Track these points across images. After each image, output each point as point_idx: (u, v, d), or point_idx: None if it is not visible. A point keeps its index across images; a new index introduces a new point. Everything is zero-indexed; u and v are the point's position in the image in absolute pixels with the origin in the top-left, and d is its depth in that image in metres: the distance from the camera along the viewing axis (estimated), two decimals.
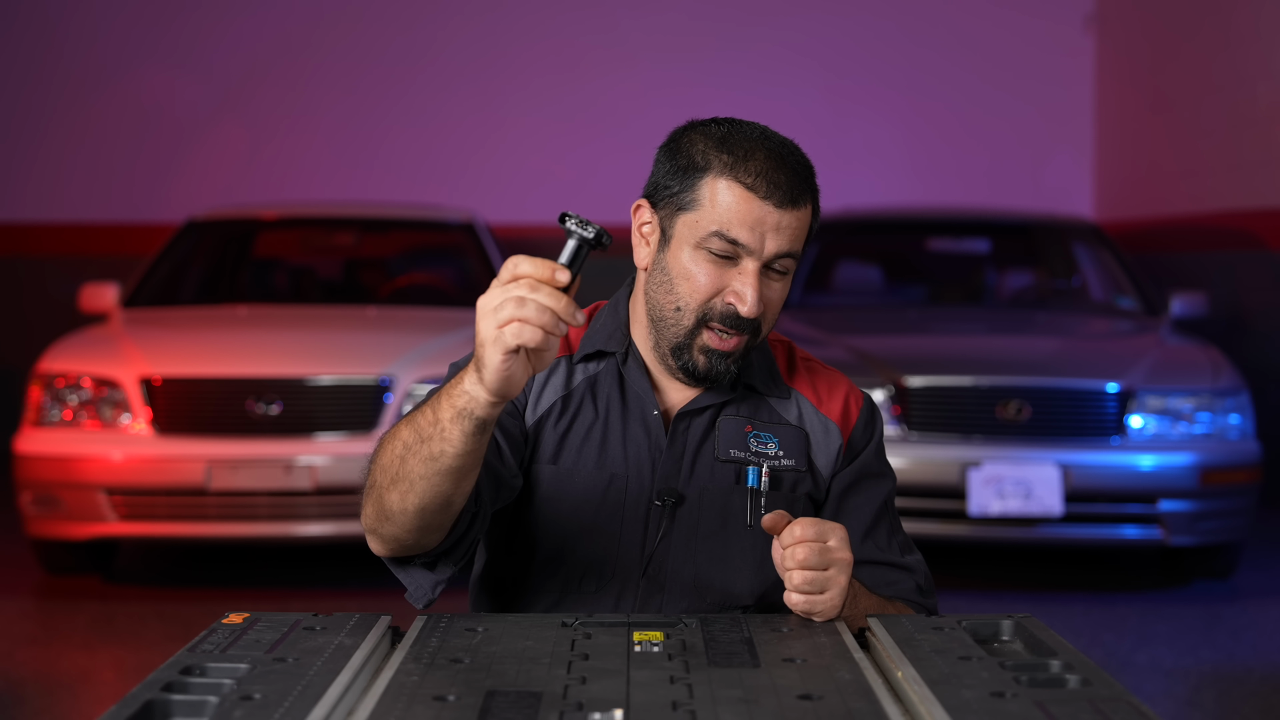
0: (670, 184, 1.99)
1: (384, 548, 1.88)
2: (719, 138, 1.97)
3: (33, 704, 4.65)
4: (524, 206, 9.72)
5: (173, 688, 1.48)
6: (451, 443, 1.71)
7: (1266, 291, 8.13)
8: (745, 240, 1.93)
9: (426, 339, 6.25)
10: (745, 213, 1.93)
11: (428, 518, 1.79)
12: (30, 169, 9.94)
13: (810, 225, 2.01)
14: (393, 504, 1.79)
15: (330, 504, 5.74)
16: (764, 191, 1.93)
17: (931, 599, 2.09)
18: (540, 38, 10.07)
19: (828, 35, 10.14)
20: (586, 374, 2.07)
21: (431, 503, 1.78)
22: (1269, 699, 4.72)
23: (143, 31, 9.98)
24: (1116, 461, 5.82)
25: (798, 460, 2.05)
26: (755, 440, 2.04)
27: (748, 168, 1.94)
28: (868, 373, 5.98)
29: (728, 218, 1.93)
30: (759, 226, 1.93)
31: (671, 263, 1.98)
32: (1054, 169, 10.28)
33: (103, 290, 6.84)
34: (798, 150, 2.00)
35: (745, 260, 1.94)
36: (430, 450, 1.73)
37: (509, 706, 1.44)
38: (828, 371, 2.16)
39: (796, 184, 1.95)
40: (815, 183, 2.01)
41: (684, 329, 1.98)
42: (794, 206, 1.95)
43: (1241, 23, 8.45)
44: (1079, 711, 1.41)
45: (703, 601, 2.01)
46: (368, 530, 1.88)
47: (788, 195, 1.94)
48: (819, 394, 2.11)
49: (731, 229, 1.93)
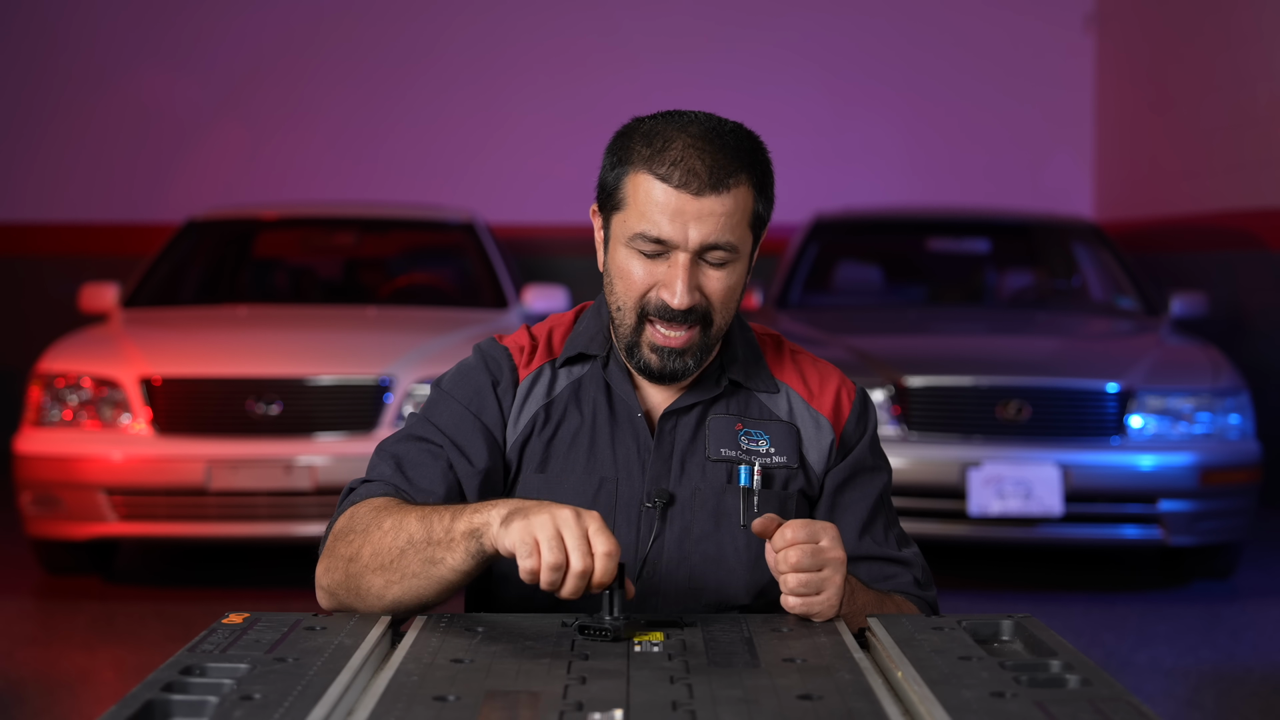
0: (606, 184, 1.97)
1: (329, 606, 1.90)
2: (645, 131, 1.94)
3: (33, 704, 4.65)
4: (524, 206, 9.72)
5: (173, 688, 1.48)
6: (454, 555, 1.76)
7: (1266, 291, 8.13)
8: (667, 235, 1.90)
9: (426, 339, 6.25)
10: (663, 206, 1.89)
11: (398, 611, 1.83)
12: (30, 169, 9.94)
13: (753, 208, 1.95)
14: (371, 587, 1.82)
15: (330, 504, 5.73)
16: (679, 180, 1.89)
17: (930, 591, 2.08)
18: (541, 37, 10.07)
19: (828, 35, 10.14)
20: (570, 378, 2.06)
21: (410, 603, 1.82)
22: (1269, 699, 4.72)
23: (142, 31, 9.98)
24: (1116, 461, 5.82)
25: (789, 457, 2.03)
26: (746, 438, 2.02)
27: (663, 158, 1.90)
28: (868, 373, 5.98)
29: (648, 214, 1.90)
30: (679, 217, 1.89)
31: (611, 263, 1.97)
32: (1054, 169, 10.28)
33: (103, 290, 6.84)
34: (736, 132, 1.95)
35: (674, 254, 1.91)
36: (432, 554, 1.78)
37: (509, 706, 1.44)
38: (818, 364, 2.12)
39: (720, 168, 1.90)
40: (757, 162, 1.95)
41: (628, 327, 1.97)
42: (715, 192, 1.89)
43: (1242, 22, 8.45)
44: (1079, 711, 1.41)
45: (698, 602, 2.00)
46: (324, 589, 1.89)
47: (707, 182, 1.89)
48: (810, 387, 2.08)
49: (652, 226, 1.90)
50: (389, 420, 5.84)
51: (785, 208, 9.57)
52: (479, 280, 7.32)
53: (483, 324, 6.61)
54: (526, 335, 2.10)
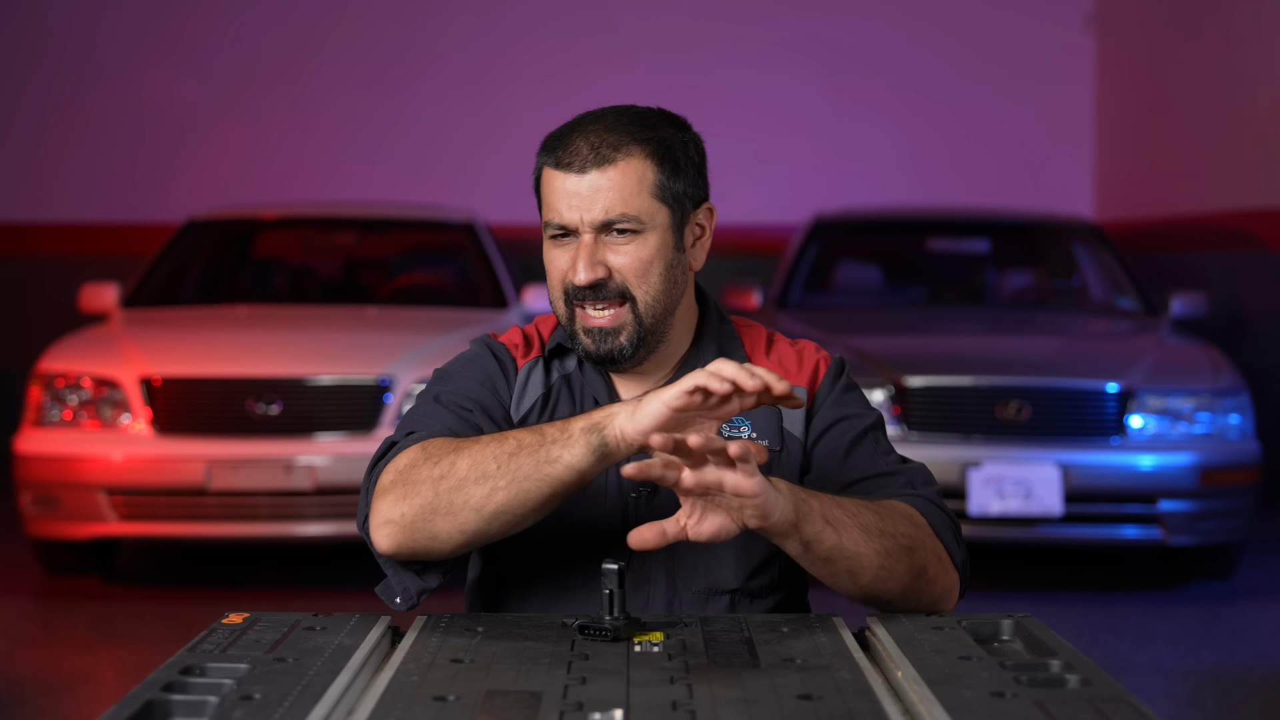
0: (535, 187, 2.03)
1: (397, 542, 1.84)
2: (552, 135, 1.99)
3: (33, 704, 4.65)
4: (524, 206, 9.64)
5: (173, 688, 1.48)
6: (572, 450, 1.76)
7: (1266, 291, 8.13)
8: (564, 220, 1.95)
9: (426, 339, 6.26)
10: (559, 191, 1.94)
11: (493, 525, 1.81)
12: (30, 169, 9.94)
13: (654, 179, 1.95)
14: (470, 499, 1.79)
15: (330, 504, 5.74)
16: (566, 162, 1.94)
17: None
18: (541, 37, 10.07)
19: (828, 35, 10.14)
20: (562, 370, 2.07)
21: (514, 511, 1.80)
22: (1269, 699, 4.72)
23: (142, 31, 9.98)
24: (1116, 461, 5.82)
25: (771, 440, 2.02)
26: (728, 426, 2.01)
27: (555, 146, 1.96)
28: (868, 373, 5.98)
29: (551, 203, 1.96)
30: (570, 199, 1.93)
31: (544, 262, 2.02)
32: (1054, 169, 10.28)
33: (103, 290, 6.84)
34: (642, 112, 1.99)
35: (581, 236, 1.95)
36: (548, 453, 1.77)
37: (509, 706, 1.44)
38: (796, 344, 2.13)
39: (604, 144, 1.93)
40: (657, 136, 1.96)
41: (564, 316, 2.00)
42: (598, 167, 1.93)
43: (1241, 22, 8.45)
44: (1079, 711, 1.41)
45: (689, 589, 1.99)
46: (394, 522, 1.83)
47: (590, 158, 1.93)
48: (788, 367, 2.08)
49: (554, 214, 1.95)
50: (389, 420, 5.84)
51: (785, 208, 9.54)
52: (479, 280, 7.32)
53: (483, 324, 6.61)
54: (519, 334, 2.13)
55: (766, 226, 9.59)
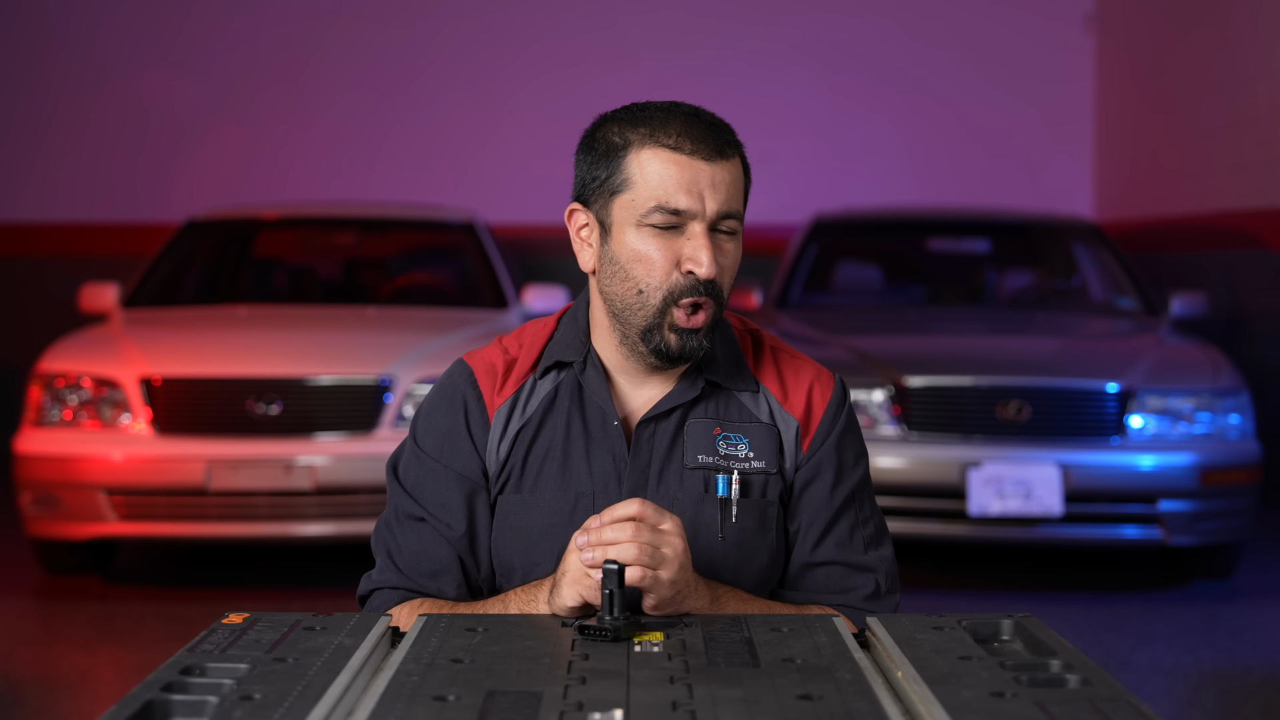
0: (596, 174, 1.95)
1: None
2: (629, 117, 1.94)
3: (33, 704, 4.65)
4: (524, 206, 9.71)
5: (173, 688, 1.48)
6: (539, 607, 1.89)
7: (1266, 291, 8.13)
8: (685, 205, 1.88)
9: (426, 339, 6.25)
10: (677, 176, 1.88)
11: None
12: (30, 169, 9.94)
13: (745, 184, 1.95)
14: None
15: (330, 504, 5.74)
16: (689, 149, 1.89)
17: (889, 600, 2.00)
18: (540, 37, 10.07)
19: (827, 34, 10.14)
20: (549, 388, 2.02)
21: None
22: (1269, 699, 4.72)
23: (142, 31, 9.98)
24: (1116, 461, 5.82)
25: (768, 461, 1.98)
26: (725, 443, 1.98)
27: (666, 131, 1.90)
28: (868, 373, 5.98)
29: (662, 187, 1.89)
30: (694, 186, 1.88)
31: (618, 250, 1.93)
32: (1054, 169, 10.28)
33: (103, 290, 6.85)
34: (713, 113, 1.97)
35: (691, 225, 1.90)
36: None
37: (509, 706, 1.44)
38: (794, 361, 2.07)
39: (719, 137, 1.91)
40: (738, 140, 1.96)
41: (652, 309, 1.92)
42: (723, 158, 1.90)
43: (1241, 22, 8.45)
44: (1079, 711, 1.41)
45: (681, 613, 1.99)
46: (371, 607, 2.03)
47: (714, 147, 1.90)
48: (785, 388, 2.03)
49: (669, 198, 1.88)
50: (389, 420, 5.84)
51: (785, 208, 9.55)
52: (479, 280, 7.32)
53: (483, 324, 6.62)
54: (499, 351, 2.06)
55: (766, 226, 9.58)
